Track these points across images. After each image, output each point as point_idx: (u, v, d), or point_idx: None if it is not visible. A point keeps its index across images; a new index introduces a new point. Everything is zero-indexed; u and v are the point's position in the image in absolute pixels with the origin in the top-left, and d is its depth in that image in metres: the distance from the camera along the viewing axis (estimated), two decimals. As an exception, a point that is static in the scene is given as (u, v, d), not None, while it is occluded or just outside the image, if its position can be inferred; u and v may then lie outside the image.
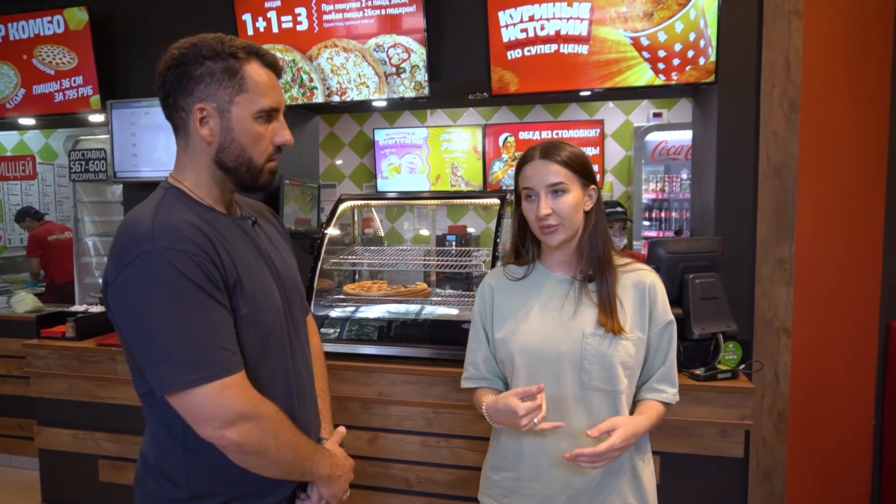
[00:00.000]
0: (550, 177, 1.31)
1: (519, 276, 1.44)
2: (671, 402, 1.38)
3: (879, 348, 2.48)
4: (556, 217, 1.31)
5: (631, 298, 1.36)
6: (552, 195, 1.32)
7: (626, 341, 1.32)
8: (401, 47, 2.84)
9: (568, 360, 1.32)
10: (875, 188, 2.44)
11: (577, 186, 1.33)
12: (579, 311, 1.35)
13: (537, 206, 1.32)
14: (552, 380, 1.33)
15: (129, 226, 1.08)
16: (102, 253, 4.70)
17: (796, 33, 2.39)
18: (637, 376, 1.38)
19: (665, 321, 1.37)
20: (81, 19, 3.22)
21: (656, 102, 4.87)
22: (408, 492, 2.31)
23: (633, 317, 1.35)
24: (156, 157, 3.22)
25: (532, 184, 1.33)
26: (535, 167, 1.33)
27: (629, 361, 1.33)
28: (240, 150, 1.14)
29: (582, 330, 1.33)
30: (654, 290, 1.37)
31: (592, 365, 1.31)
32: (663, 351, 1.38)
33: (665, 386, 1.38)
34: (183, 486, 1.13)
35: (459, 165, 5.26)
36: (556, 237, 1.34)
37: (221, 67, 1.11)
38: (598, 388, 1.32)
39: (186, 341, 1.02)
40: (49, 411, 2.73)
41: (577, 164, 1.33)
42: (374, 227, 4.22)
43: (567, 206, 1.32)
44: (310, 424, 1.27)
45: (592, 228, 1.36)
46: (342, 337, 2.37)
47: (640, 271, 1.39)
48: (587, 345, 1.32)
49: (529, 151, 1.37)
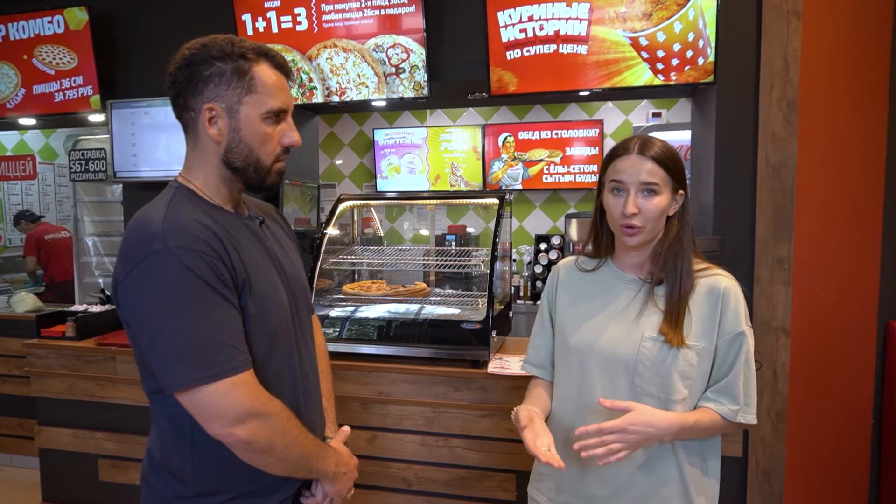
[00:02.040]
0: (644, 175, 1.26)
1: (589, 267, 1.41)
2: (728, 416, 1.28)
3: (878, 347, 2.48)
4: (642, 218, 1.27)
5: (701, 305, 1.30)
6: (642, 194, 1.27)
7: (689, 350, 1.27)
8: (400, 47, 2.85)
9: (622, 362, 1.29)
10: (873, 188, 2.44)
11: (667, 190, 1.29)
12: (643, 314, 1.31)
13: (624, 202, 1.27)
14: (604, 379, 1.31)
15: (139, 225, 1.09)
16: (102, 253, 4.71)
17: (795, 34, 2.39)
18: (703, 386, 1.32)
19: (735, 331, 1.29)
20: (81, 19, 3.22)
21: (655, 102, 4.87)
22: (407, 491, 2.32)
23: (700, 325, 1.29)
24: (156, 157, 3.22)
25: (624, 178, 1.28)
26: (631, 161, 1.28)
27: (689, 371, 1.27)
28: (248, 150, 1.15)
29: (641, 333, 1.29)
30: (727, 296, 1.30)
31: (647, 370, 1.27)
32: (729, 362, 1.30)
33: (724, 398, 1.29)
34: (189, 484, 1.14)
35: (459, 165, 5.26)
36: (636, 238, 1.29)
37: (231, 68, 1.12)
38: (652, 394, 1.28)
39: (196, 339, 1.03)
40: (49, 411, 2.73)
41: (672, 166, 1.29)
42: (374, 226, 4.23)
43: (655, 209, 1.27)
44: (315, 423, 1.28)
45: (674, 237, 1.31)
46: (342, 336, 2.37)
47: (715, 276, 1.32)
48: (644, 349, 1.28)
49: (626, 143, 1.31)
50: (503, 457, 2.21)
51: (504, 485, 2.21)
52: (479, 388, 2.20)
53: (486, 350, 2.23)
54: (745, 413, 1.29)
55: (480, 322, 2.25)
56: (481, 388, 2.20)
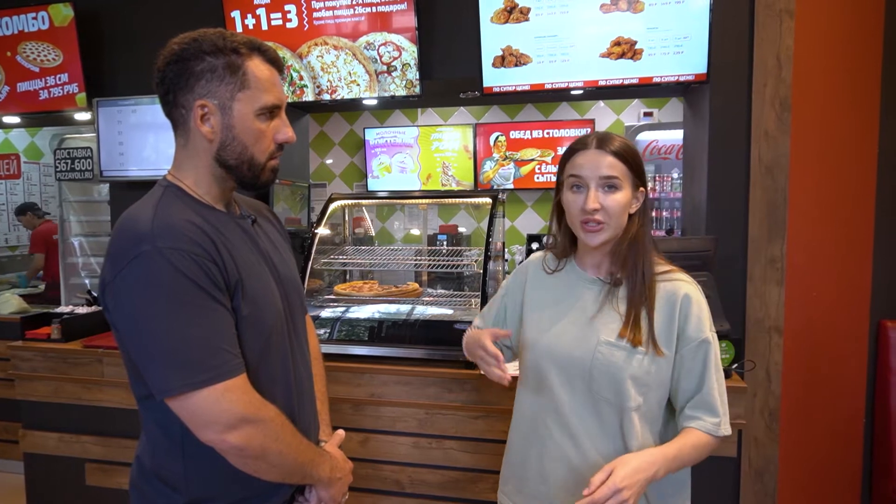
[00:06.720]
0: (605, 169, 1.22)
1: (552, 268, 1.38)
2: (713, 432, 1.22)
3: (870, 346, 2.49)
4: (604, 214, 1.22)
5: (660, 310, 1.25)
6: (603, 189, 1.22)
7: (642, 356, 1.22)
8: (392, 45, 2.82)
9: (578, 366, 1.26)
10: (866, 186, 2.45)
11: (628, 185, 1.24)
12: (601, 316, 1.27)
13: (585, 198, 1.23)
14: (563, 382, 1.28)
15: (127, 224, 1.05)
16: (89, 253, 4.64)
17: (788, 32, 2.39)
18: (662, 396, 1.27)
19: (698, 339, 1.23)
20: (67, 16, 3.17)
21: (647, 102, 4.88)
22: (399, 493, 2.29)
23: (658, 330, 1.23)
24: (144, 156, 3.18)
25: (583, 172, 1.23)
26: (589, 157, 1.24)
27: (644, 378, 1.22)
28: (242, 147, 1.12)
29: (597, 337, 1.25)
30: (686, 303, 1.24)
31: (601, 374, 1.23)
32: (696, 373, 1.24)
33: (702, 413, 1.23)
34: (181, 491, 1.11)
35: (450, 165, 5.24)
36: (599, 237, 1.24)
37: (223, 63, 1.08)
38: (608, 399, 1.24)
39: (187, 343, 1.00)
40: (34, 414, 2.69)
41: (632, 160, 1.24)
42: (365, 226, 4.21)
43: (616, 205, 1.22)
44: (309, 427, 1.26)
45: (634, 235, 1.26)
46: (333, 337, 2.35)
47: (675, 281, 1.27)
48: (599, 353, 1.24)
49: (584, 139, 1.27)
50: (497, 458, 2.17)
51: (497, 487, 2.19)
52: (472, 389, 2.18)
53: (479, 351, 2.20)
54: (725, 424, 1.24)
55: (473, 322, 2.23)
56: (474, 389, 2.18)
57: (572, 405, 1.27)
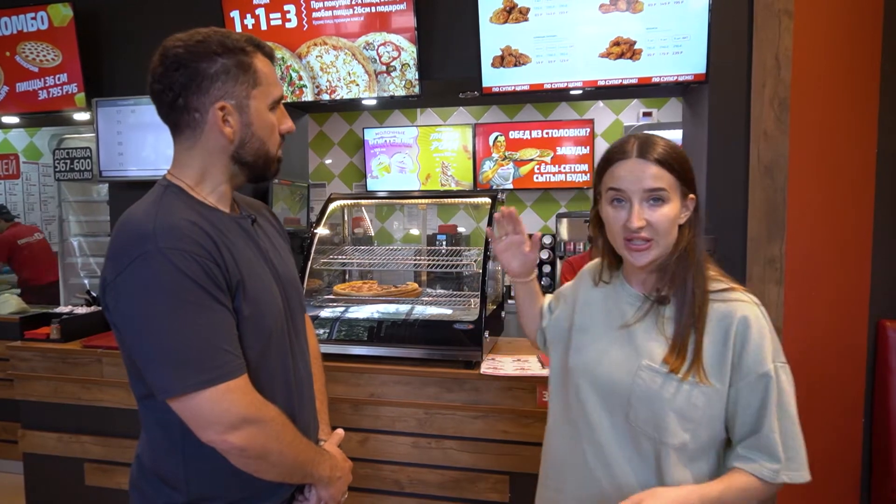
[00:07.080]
0: (648, 181, 1.07)
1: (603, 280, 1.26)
2: (767, 478, 1.06)
3: (869, 346, 2.49)
4: (651, 230, 1.08)
5: (712, 335, 1.08)
6: (648, 203, 1.08)
7: (693, 388, 1.07)
8: (391, 45, 2.82)
9: (618, 389, 1.12)
10: (865, 186, 2.45)
11: (676, 195, 1.09)
12: (646, 337, 1.13)
13: (628, 214, 1.08)
14: (602, 406, 1.15)
15: (129, 224, 1.05)
16: (88, 253, 4.64)
17: (787, 33, 2.40)
18: (717, 431, 1.10)
19: (758, 372, 1.06)
20: (66, 16, 3.17)
21: (646, 102, 4.88)
22: (399, 493, 2.30)
23: (709, 359, 1.08)
24: (143, 156, 3.17)
25: (624, 186, 1.09)
26: (630, 167, 1.09)
27: (691, 413, 1.07)
28: (259, 143, 1.14)
29: (639, 360, 1.11)
30: (744, 328, 1.07)
31: (640, 402, 1.09)
32: (753, 410, 1.07)
33: (757, 455, 1.07)
34: (181, 490, 1.11)
35: (450, 165, 5.24)
36: (647, 256, 1.10)
37: (234, 63, 1.09)
38: (647, 433, 1.09)
39: (189, 344, 1.00)
40: (33, 414, 2.69)
41: (679, 167, 1.09)
42: (364, 226, 4.21)
43: (665, 219, 1.08)
44: (309, 426, 1.26)
45: (684, 249, 1.11)
46: (332, 337, 2.35)
47: (732, 302, 1.09)
48: (639, 379, 1.09)
49: (622, 145, 1.12)
50: (496, 458, 2.19)
51: (497, 486, 2.20)
52: (471, 388, 2.19)
53: (478, 350, 2.21)
54: (790, 470, 1.07)
55: (473, 322, 2.23)
56: (474, 388, 2.18)
57: (611, 429, 1.14)
